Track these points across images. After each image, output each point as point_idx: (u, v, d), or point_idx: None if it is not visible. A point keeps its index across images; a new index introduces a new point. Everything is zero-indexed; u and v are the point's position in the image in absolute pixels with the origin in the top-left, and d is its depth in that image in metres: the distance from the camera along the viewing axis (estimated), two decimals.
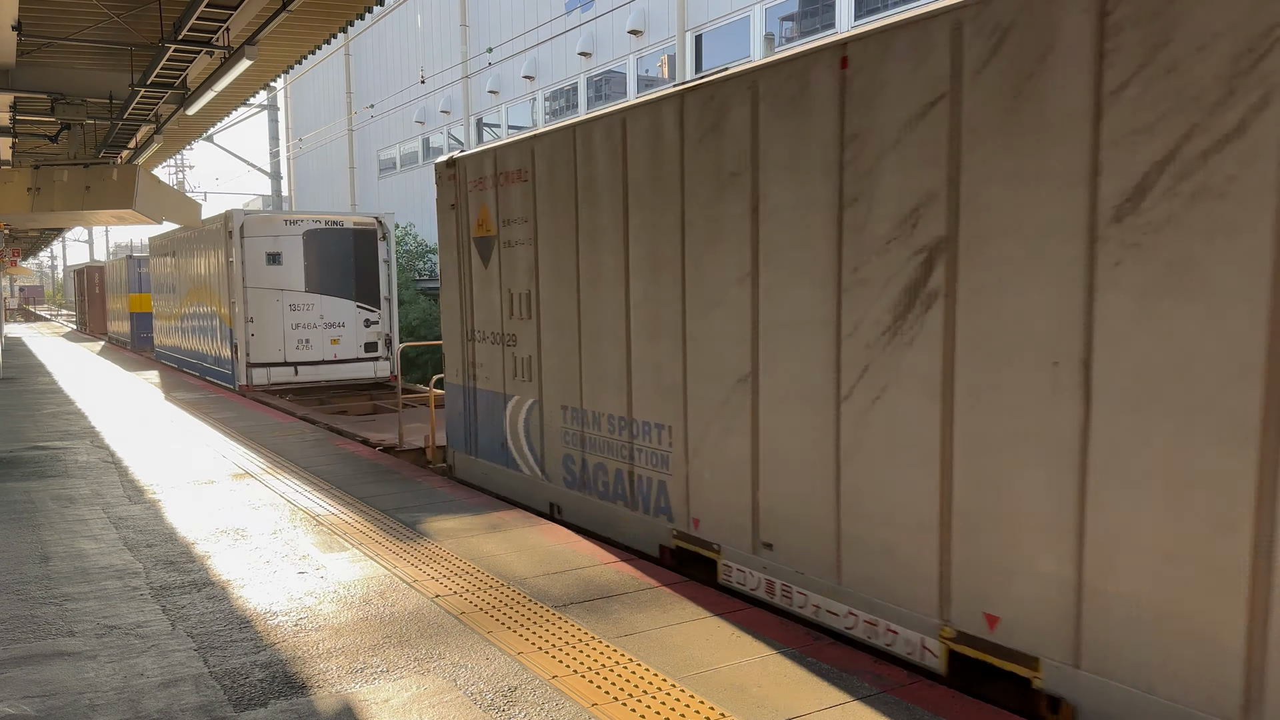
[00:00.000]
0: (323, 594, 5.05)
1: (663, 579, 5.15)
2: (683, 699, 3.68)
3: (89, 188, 11.80)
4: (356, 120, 37.47)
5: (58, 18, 10.13)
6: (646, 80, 21.83)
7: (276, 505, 7.13)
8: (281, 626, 4.57)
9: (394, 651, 4.23)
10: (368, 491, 7.52)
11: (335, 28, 11.29)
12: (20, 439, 10.58)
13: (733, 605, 4.72)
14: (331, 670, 4.04)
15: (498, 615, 4.65)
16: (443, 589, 5.06)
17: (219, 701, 3.75)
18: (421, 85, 30.05)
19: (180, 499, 7.41)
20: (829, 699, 3.66)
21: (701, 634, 4.34)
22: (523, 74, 25.89)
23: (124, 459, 9.22)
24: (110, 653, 4.29)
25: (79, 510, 7.11)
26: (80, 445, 10.07)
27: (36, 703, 3.77)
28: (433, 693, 3.80)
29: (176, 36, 9.04)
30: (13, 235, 29.15)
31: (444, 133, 31.27)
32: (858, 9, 16.23)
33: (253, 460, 9.01)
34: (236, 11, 8.38)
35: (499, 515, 6.64)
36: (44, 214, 12.27)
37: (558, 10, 24.06)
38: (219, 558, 5.78)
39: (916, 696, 3.66)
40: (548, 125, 7.72)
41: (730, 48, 19.15)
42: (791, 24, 17.76)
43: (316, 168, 43.23)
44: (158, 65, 10.03)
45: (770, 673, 3.91)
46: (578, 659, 4.09)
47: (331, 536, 6.20)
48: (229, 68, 9.78)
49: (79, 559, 5.80)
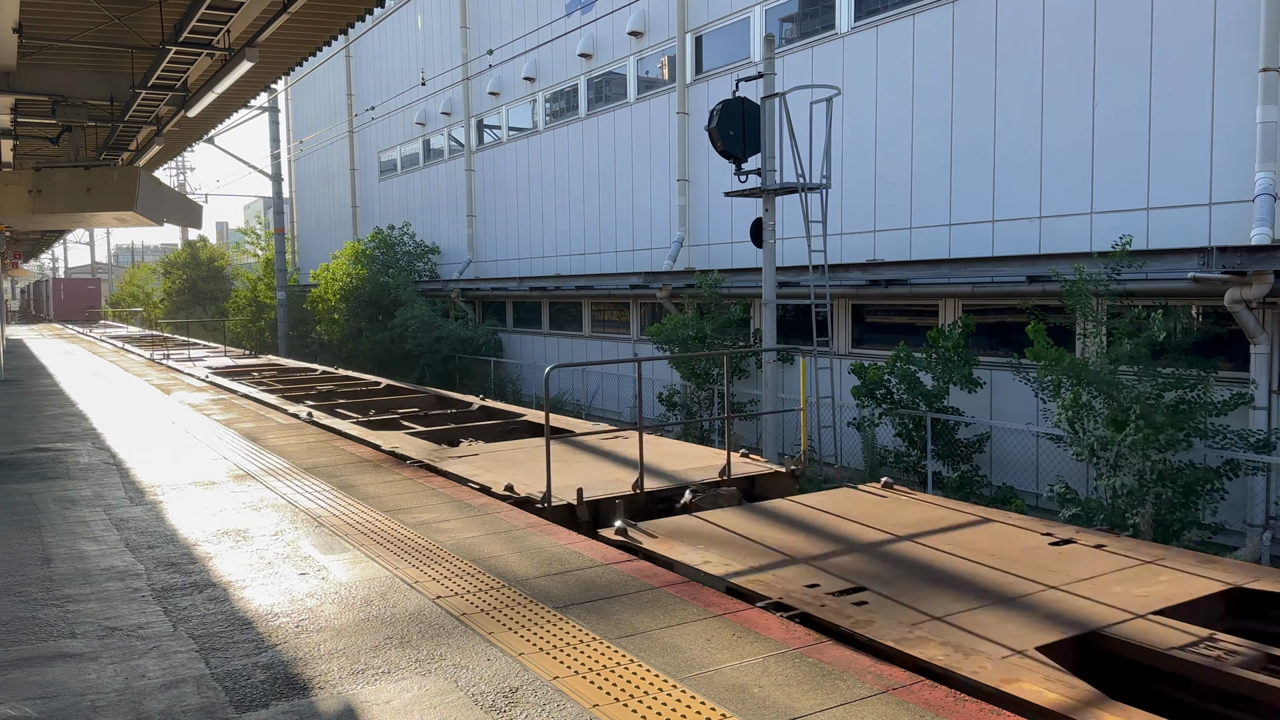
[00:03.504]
0: (324, 595, 5.05)
1: (663, 580, 5.15)
2: (684, 700, 3.69)
3: (90, 190, 11.82)
4: (357, 122, 37.50)
5: (58, 20, 10.14)
6: (647, 81, 21.84)
7: (278, 506, 7.14)
8: (283, 628, 4.58)
9: (395, 653, 4.24)
10: (370, 493, 7.53)
11: (336, 29, 11.31)
12: (20, 440, 10.59)
13: (734, 606, 4.73)
14: (333, 671, 4.05)
15: (499, 616, 4.65)
16: (444, 590, 5.07)
17: (220, 703, 3.75)
18: (422, 87, 30.08)
19: (182, 500, 7.42)
20: (830, 699, 3.66)
21: (702, 635, 4.34)
22: (523, 75, 25.91)
23: (125, 460, 9.22)
24: (112, 654, 4.29)
25: (80, 512, 7.11)
26: (81, 447, 10.08)
27: (38, 704, 3.77)
28: (434, 694, 3.80)
29: (177, 38, 9.06)
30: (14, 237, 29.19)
31: (444, 134, 31.30)
32: (857, 10, 16.24)
33: (254, 461, 9.01)
34: (237, 14, 8.40)
35: (505, 518, 6.64)
36: (45, 216, 12.30)
37: (558, 12, 24.07)
38: (220, 559, 5.79)
39: (918, 697, 3.66)
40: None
41: (730, 49, 19.16)
42: (791, 25, 17.77)
43: (317, 169, 43.25)
44: (158, 67, 10.05)
45: (771, 673, 3.91)
46: (579, 660, 4.10)
47: (333, 538, 6.21)
48: (230, 70, 9.79)
49: (80, 560, 5.81)
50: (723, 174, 17.19)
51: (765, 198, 14.14)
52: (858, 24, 16.22)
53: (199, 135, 20.25)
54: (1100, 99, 12.68)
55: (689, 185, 20.48)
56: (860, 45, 16.16)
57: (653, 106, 21.52)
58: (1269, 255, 10.21)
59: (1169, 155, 11.98)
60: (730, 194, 15.02)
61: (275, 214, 36.63)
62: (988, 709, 3.57)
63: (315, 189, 43.95)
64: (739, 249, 18.56)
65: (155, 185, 13.03)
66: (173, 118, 13.25)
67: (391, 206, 35.15)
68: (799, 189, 14.06)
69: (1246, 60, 11.13)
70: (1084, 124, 12.88)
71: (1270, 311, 10.55)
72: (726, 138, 13.98)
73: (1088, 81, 12.81)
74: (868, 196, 16.16)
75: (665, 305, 19.49)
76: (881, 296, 15.17)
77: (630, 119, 22.33)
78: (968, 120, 14.45)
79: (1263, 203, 10.90)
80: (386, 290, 28.93)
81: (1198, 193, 11.73)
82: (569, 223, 24.87)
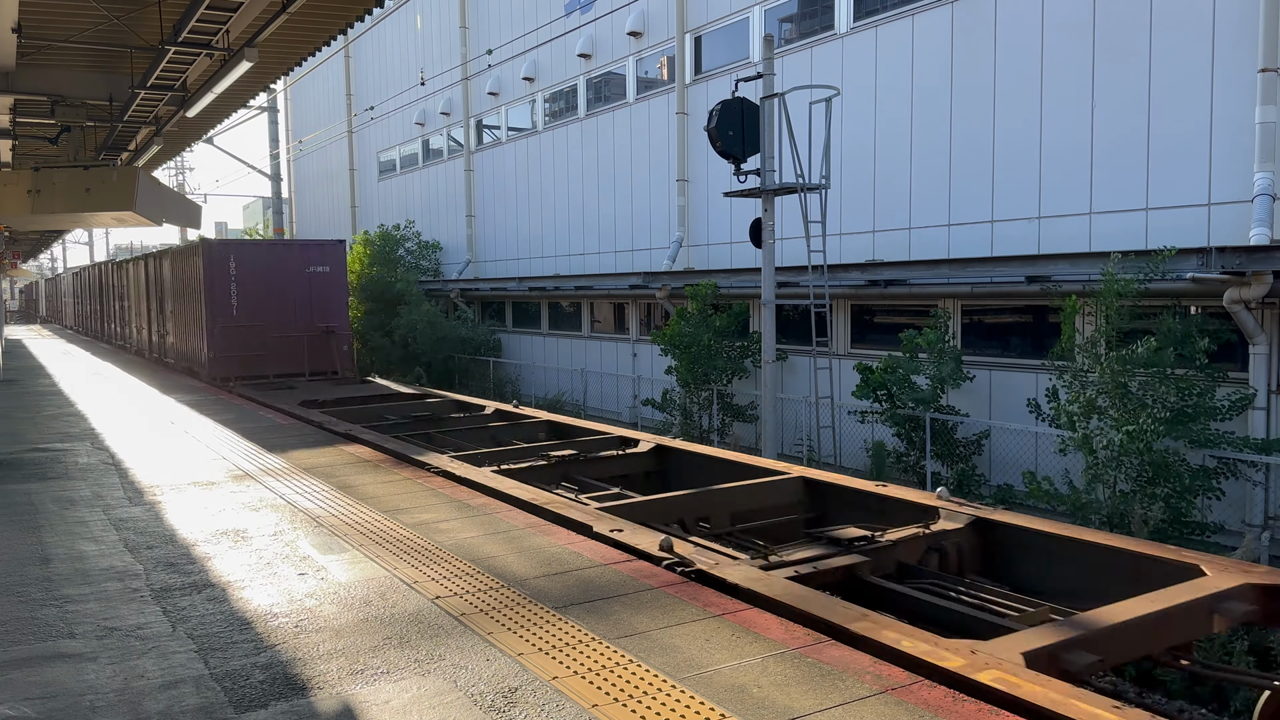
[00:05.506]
0: (323, 595, 5.05)
1: (662, 580, 5.15)
2: (683, 700, 3.69)
3: (89, 190, 11.82)
4: (356, 122, 37.49)
5: (58, 20, 10.14)
6: (646, 81, 21.85)
7: (277, 506, 7.14)
8: (282, 628, 4.58)
9: (394, 653, 4.24)
10: (369, 493, 7.52)
11: (335, 30, 11.31)
12: (19, 440, 10.59)
13: (733, 606, 4.73)
14: (332, 671, 4.05)
15: (498, 616, 4.65)
16: (443, 590, 5.07)
17: (219, 703, 3.75)
18: (421, 87, 30.07)
19: (180, 500, 7.42)
20: (829, 699, 3.66)
21: (701, 635, 4.34)
22: (522, 75, 25.90)
23: (124, 460, 9.22)
24: (111, 654, 4.29)
25: (79, 512, 7.11)
26: (80, 447, 10.07)
27: (37, 704, 3.77)
28: (433, 694, 3.80)
29: (176, 39, 9.06)
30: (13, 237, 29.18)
31: (444, 134, 31.30)
32: (856, 10, 16.25)
33: (253, 461, 9.01)
34: (236, 14, 8.40)
35: (504, 518, 6.64)
36: (44, 216, 12.29)
37: (557, 12, 24.07)
38: (219, 559, 5.79)
39: (917, 697, 3.66)
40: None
41: (730, 49, 19.17)
42: (791, 25, 17.77)
43: (316, 169, 43.24)
44: (158, 67, 10.05)
45: (770, 673, 3.91)
46: (578, 660, 4.10)
47: (332, 538, 6.21)
48: (229, 70, 9.79)
49: (79, 561, 5.80)
50: (722, 174, 17.19)
51: (764, 198, 14.14)
52: (857, 24, 16.22)
53: (198, 135, 20.25)
54: (1099, 99, 12.69)
55: (688, 185, 20.48)
56: (859, 45, 16.17)
57: (652, 107, 21.52)
58: (1268, 255, 10.21)
59: (1168, 155, 11.98)
60: (729, 194, 15.02)
61: (274, 214, 36.63)
62: (986, 709, 3.58)
63: (314, 189, 43.95)
64: (738, 249, 18.56)
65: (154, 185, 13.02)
66: (172, 118, 13.24)
67: (391, 206, 35.14)
68: (798, 189, 14.06)
69: (1245, 61, 11.14)
70: (1083, 124, 12.88)
71: (1269, 312, 10.55)
72: (726, 138, 13.98)
73: (1087, 81, 12.82)
74: (867, 197, 16.16)
75: (665, 306, 19.49)
76: (880, 297, 15.17)
77: (629, 119, 22.33)
78: (967, 120, 14.45)
79: (1261, 203, 10.90)
80: (390, 288, 28.89)
81: (1196, 193, 11.74)
82: (568, 223, 24.87)
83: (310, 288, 17.57)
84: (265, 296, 17.15)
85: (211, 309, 16.83)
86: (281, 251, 18.34)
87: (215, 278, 16.83)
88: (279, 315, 17.23)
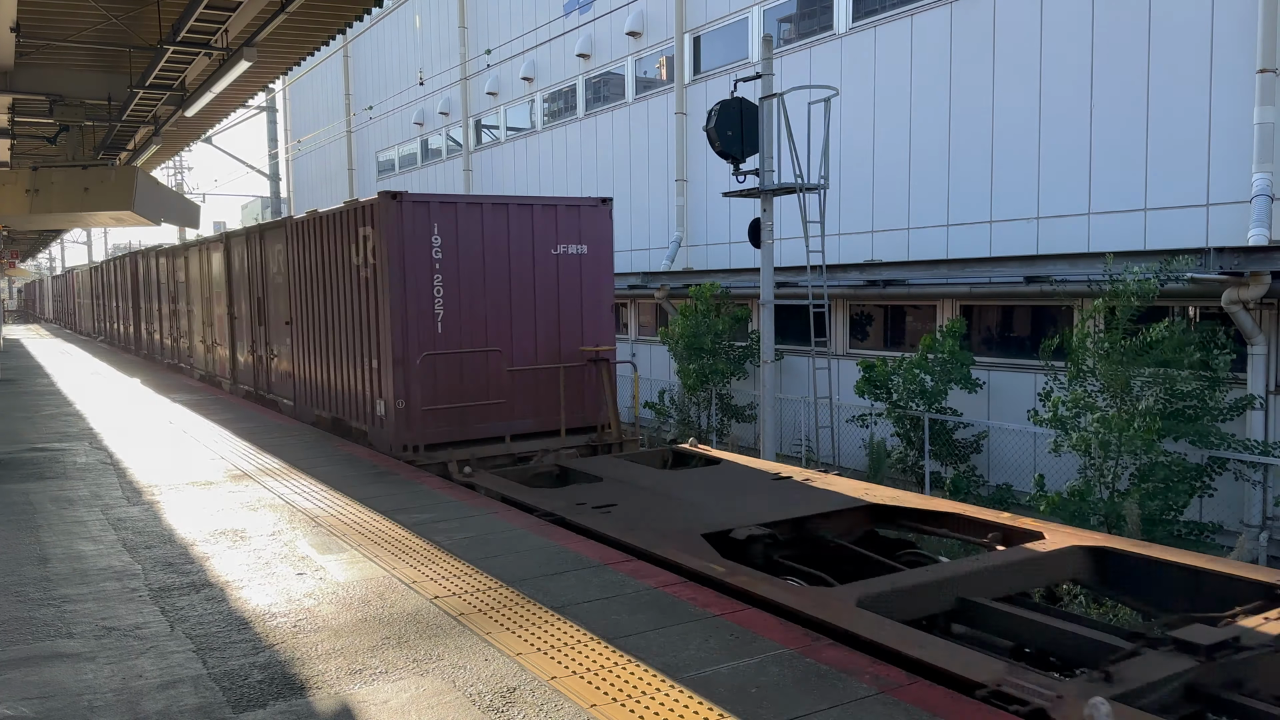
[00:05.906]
0: (321, 595, 5.05)
1: (661, 580, 5.15)
2: (681, 700, 3.69)
3: (87, 189, 11.82)
4: (355, 122, 37.48)
5: (56, 20, 10.13)
6: (645, 82, 21.84)
7: (275, 507, 7.13)
8: (280, 628, 4.57)
9: (393, 653, 4.23)
10: (367, 493, 7.52)
11: (334, 29, 11.30)
12: (18, 440, 10.57)
13: (732, 606, 4.73)
14: (330, 671, 4.05)
15: (497, 616, 4.65)
16: (442, 590, 5.06)
17: (217, 703, 3.75)
18: (420, 87, 30.07)
19: (179, 500, 7.41)
20: (827, 699, 3.66)
21: (700, 635, 4.34)
22: (521, 75, 25.90)
23: (123, 460, 9.21)
24: (109, 654, 4.28)
25: (78, 511, 7.10)
26: (79, 446, 10.06)
27: (35, 704, 3.77)
28: (431, 694, 3.80)
29: (175, 38, 9.05)
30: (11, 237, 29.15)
31: (443, 134, 31.29)
32: (855, 10, 16.25)
33: (251, 461, 9.00)
34: (235, 13, 8.39)
35: (503, 519, 6.64)
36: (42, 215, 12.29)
37: (556, 12, 24.07)
38: (218, 559, 5.78)
39: (915, 697, 3.66)
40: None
41: (729, 49, 19.17)
42: (789, 25, 17.78)
43: (315, 169, 43.23)
44: (156, 67, 10.04)
45: (768, 673, 3.91)
46: (577, 660, 4.09)
47: (330, 538, 6.20)
48: (228, 69, 9.78)
49: (78, 560, 5.80)
50: (721, 174, 17.19)
51: (763, 198, 14.14)
52: (856, 24, 16.23)
53: (197, 135, 20.25)
54: (1098, 100, 12.69)
55: (687, 185, 20.48)
56: (858, 46, 16.17)
57: (651, 107, 21.52)
58: (1266, 256, 10.21)
59: (1167, 156, 11.99)
60: (728, 194, 15.01)
61: (273, 214, 36.60)
62: (985, 709, 3.58)
63: (313, 189, 43.91)
64: (737, 249, 18.56)
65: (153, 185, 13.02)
66: (170, 117, 13.23)
67: None
68: (797, 189, 14.06)
69: (1244, 62, 11.14)
70: (1082, 125, 12.88)
71: (1267, 312, 10.55)
72: (724, 138, 13.97)
73: (1086, 82, 12.82)
74: (866, 197, 16.16)
75: (664, 305, 19.49)
76: (879, 297, 15.17)
77: (628, 119, 22.32)
78: (966, 121, 14.46)
79: (1260, 204, 10.91)
80: None
81: (1195, 194, 11.74)
82: None
83: (560, 281, 10.23)
84: (482, 298, 9.78)
85: (402, 323, 9.34)
86: (512, 217, 9.92)
87: (411, 263, 9.32)
88: (508, 331, 9.94)
